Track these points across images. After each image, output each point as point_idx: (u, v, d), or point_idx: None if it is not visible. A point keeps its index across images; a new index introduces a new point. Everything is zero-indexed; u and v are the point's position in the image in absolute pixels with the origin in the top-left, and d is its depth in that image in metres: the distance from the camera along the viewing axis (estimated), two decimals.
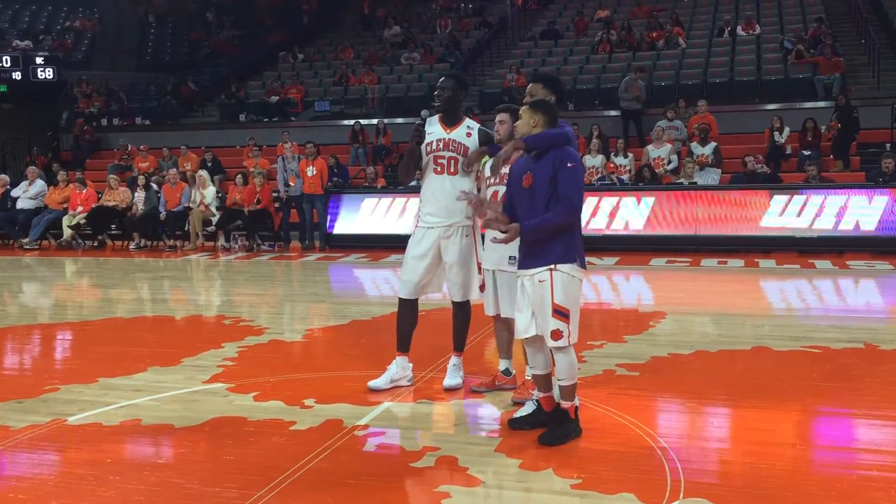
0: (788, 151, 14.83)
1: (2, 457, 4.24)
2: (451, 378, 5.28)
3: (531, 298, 4.26)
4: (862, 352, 6.17)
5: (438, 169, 5.15)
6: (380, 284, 11.04)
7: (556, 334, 4.17)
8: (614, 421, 4.61)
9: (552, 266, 4.17)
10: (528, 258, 4.26)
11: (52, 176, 16.74)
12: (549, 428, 4.30)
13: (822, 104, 16.44)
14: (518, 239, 4.29)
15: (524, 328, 4.33)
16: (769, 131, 15.03)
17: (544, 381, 4.37)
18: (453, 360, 5.35)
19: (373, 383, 5.23)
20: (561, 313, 4.16)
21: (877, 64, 17.49)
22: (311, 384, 5.45)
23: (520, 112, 4.42)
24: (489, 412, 4.86)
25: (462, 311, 5.29)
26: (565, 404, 4.31)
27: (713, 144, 14.33)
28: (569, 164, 4.16)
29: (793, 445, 4.30)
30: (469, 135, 5.17)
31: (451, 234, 5.12)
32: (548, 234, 4.20)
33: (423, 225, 5.21)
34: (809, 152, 14.34)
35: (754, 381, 5.42)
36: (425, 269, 5.18)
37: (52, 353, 7.07)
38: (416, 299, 5.29)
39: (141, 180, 15.35)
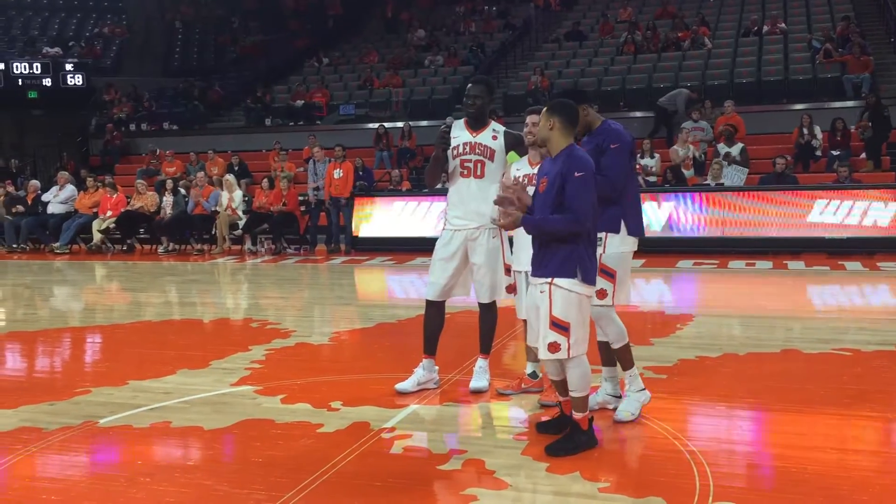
0: (818, 152, 14.67)
1: (35, 458, 4.30)
2: (478, 380, 5.27)
3: (535, 307, 4.22)
4: (893, 354, 6.08)
5: (465, 172, 5.16)
6: (405, 287, 11.07)
7: (554, 347, 4.07)
8: (642, 424, 4.58)
9: (549, 280, 4.06)
10: (534, 267, 4.19)
11: (81, 181, 16.97)
12: (559, 438, 4.23)
13: (850, 104, 16.24)
14: None
15: (533, 338, 4.37)
16: (798, 130, 14.88)
17: (561, 386, 4.32)
18: (480, 362, 5.35)
19: (399, 386, 5.25)
20: (560, 326, 4.05)
21: None
22: (338, 387, 5.48)
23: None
24: (516, 415, 4.86)
25: (489, 313, 5.29)
26: (577, 415, 4.19)
27: (740, 145, 14.21)
28: (577, 174, 3.97)
29: (822, 449, 4.24)
30: (495, 138, 5.19)
31: (477, 236, 5.13)
32: (545, 235, 4.08)
33: (450, 227, 5.23)
34: (839, 152, 14.18)
35: (783, 383, 5.36)
36: (452, 271, 5.19)
37: (83, 356, 7.16)
38: (443, 301, 5.30)
39: (168, 184, 15.54)
